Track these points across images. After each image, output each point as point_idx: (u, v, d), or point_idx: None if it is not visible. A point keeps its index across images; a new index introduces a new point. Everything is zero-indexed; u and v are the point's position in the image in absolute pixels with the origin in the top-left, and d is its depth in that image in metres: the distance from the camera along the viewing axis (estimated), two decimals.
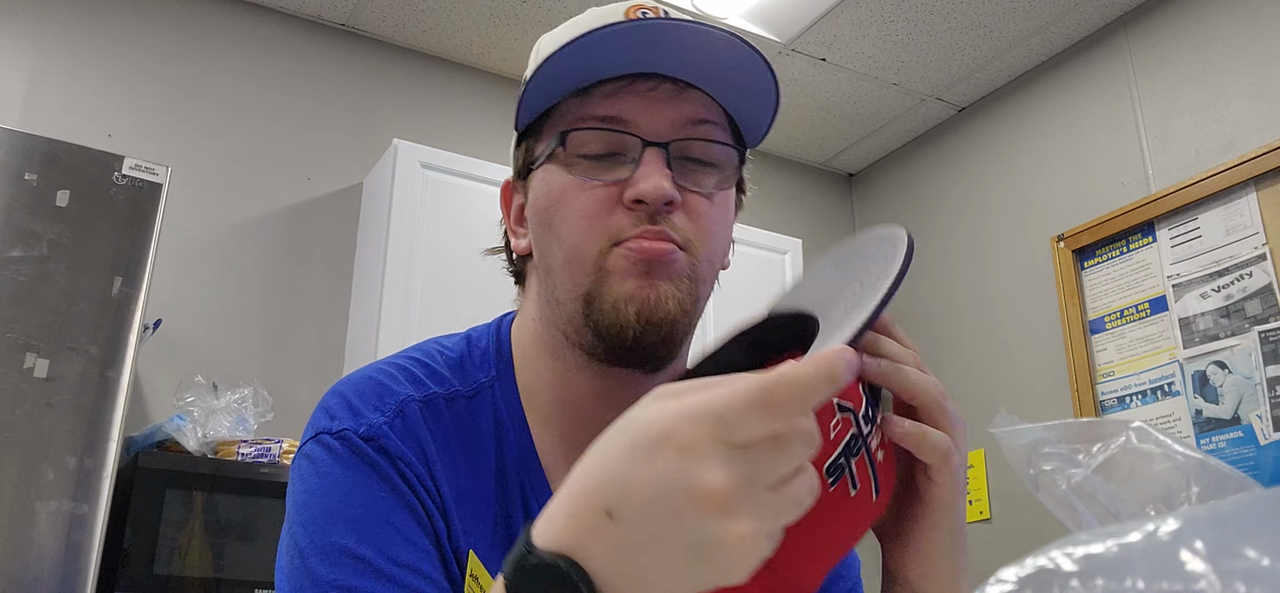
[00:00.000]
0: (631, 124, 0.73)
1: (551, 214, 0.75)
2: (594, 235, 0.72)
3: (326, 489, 0.69)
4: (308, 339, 2.84)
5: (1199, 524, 0.28)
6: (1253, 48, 2.60)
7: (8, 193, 1.97)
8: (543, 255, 0.77)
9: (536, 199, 0.77)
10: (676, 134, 0.74)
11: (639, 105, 0.74)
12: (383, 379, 0.74)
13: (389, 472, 0.69)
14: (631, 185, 0.72)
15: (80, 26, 2.75)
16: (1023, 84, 3.26)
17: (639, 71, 0.74)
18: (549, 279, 0.76)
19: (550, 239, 0.75)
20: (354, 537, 0.66)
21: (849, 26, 3.03)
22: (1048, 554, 0.29)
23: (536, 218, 0.77)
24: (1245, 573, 0.26)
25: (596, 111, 0.74)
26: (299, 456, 0.73)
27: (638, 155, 0.73)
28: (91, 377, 1.95)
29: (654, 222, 0.72)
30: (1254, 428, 2.43)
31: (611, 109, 0.74)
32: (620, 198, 0.72)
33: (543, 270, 0.77)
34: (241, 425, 2.30)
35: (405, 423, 0.72)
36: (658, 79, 0.74)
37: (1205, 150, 2.66)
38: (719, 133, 0.76)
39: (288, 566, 0.68)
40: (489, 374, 0.79)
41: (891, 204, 3.70)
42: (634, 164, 0.72)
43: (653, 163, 0.72)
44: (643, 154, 0.72)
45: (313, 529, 0.68)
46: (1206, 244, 2.62)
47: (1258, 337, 2.45)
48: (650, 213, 0.72)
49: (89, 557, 1.87)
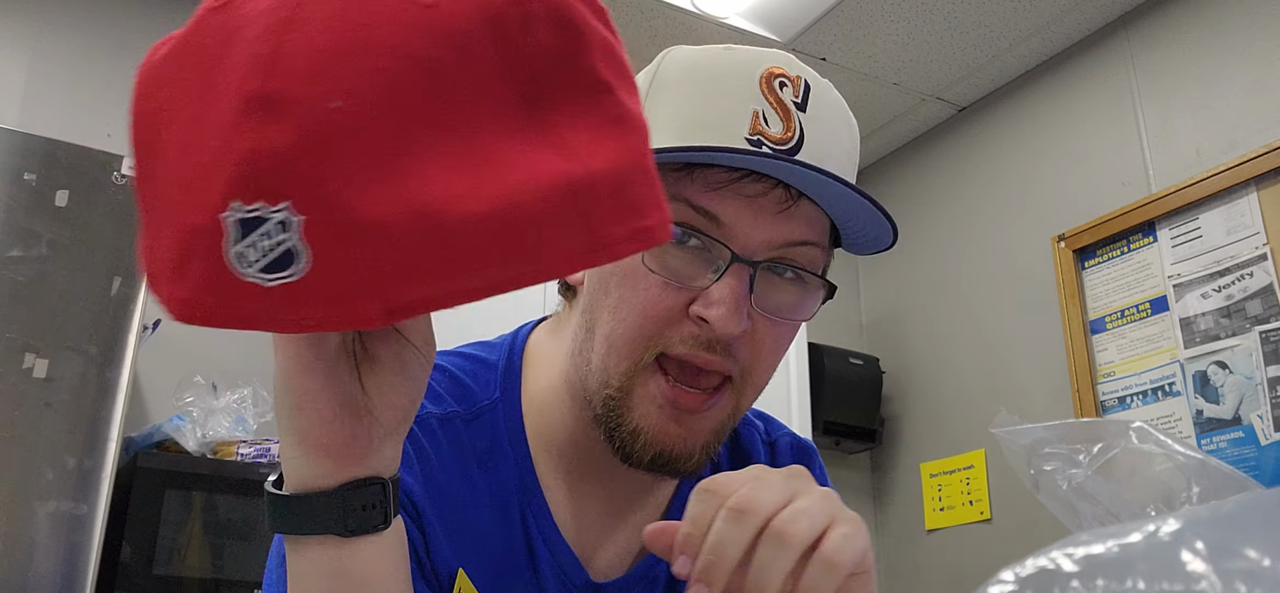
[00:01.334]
0: (727, 230, 0.67)
1: (611, 284, 0.70)
2: (643, 338, 0.68)
3: None
4: None
5: (1200, 525, 0.28)
6: (1253, 47, 2.60)
7: (7, 192, 1.97)
8: (590, 311, 0.72)
9: None
10: (771, 253, 0.68)
11: (741, 211, 0.67)
12: None
13: None
14: (703, 302, 0.66)
15: (79, 26, 2.75)
16: (1023, 84, 3.26)
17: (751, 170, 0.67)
18: (588, 337, 0.72)
19: (602, 306, 0.70)
20: None
21: (849, 26, 3.03)
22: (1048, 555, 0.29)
23: (598, 274, 0.72)
24: (1246, 574, 0.26)
25: (695, 201, 0.67)
26: None
27: (722, 267, 0.66)
28: (91, 377, 1.95)
29: (711, 349, 0.67)
30: (1255, 428, 2.43)
31: (712, 205, 0.67)
32: (688, 304, 0.67)
33: (586, 323, 0.73)
34: (241, 426, 2.30)
35: None
36: (768, 182, 0.67)
37: (1206, 150, 2.66)
38: (817, 257, 0.71)
39: (276, 573, 0.68)
40: (492, 396, 0.77)
41: (891, 204, 3.69)
42: (716, 274, 0.67)
43: (734, 284, 0.66)
44: (727, 268, 0.66)
45: None
46: (1207, 244, 2.61)
47: (1258, 337, 2.45)
48: (709, 341, 0.67)
49: (88, 557, 1.87)
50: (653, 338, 0.68)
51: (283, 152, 0.37)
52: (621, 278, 0.69)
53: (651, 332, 0.68)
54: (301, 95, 0.38)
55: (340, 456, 0.51)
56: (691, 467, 0.70)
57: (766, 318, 0.69)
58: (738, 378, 0.69)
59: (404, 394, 0.53)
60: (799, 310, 0.71)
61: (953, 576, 3.15)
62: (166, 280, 0.41)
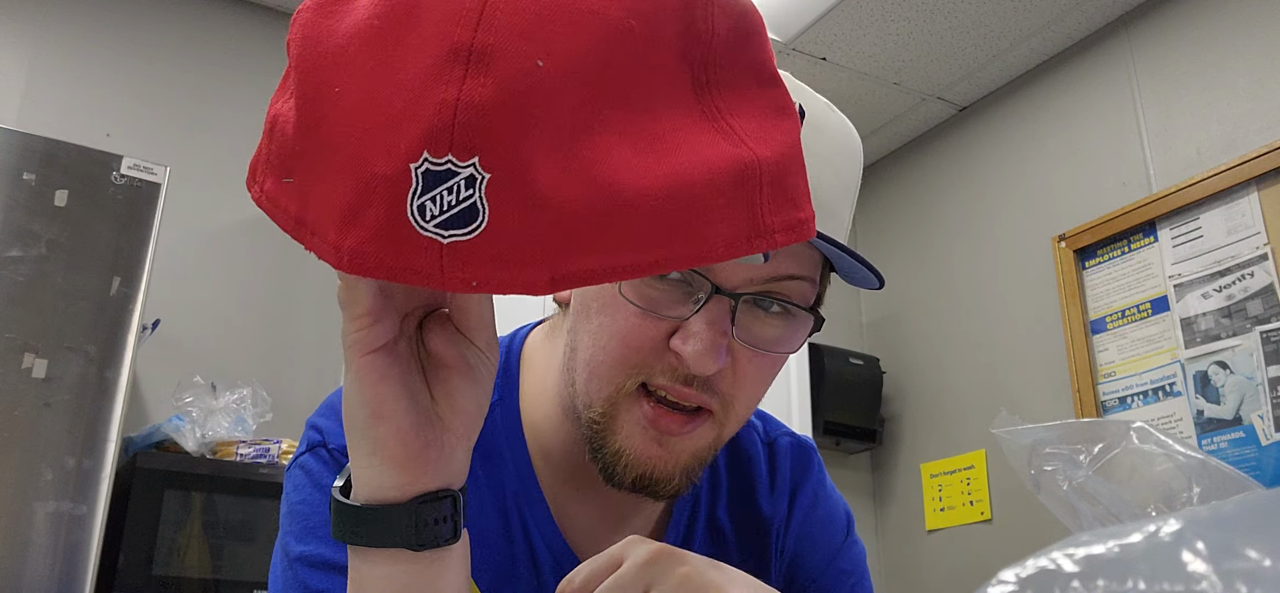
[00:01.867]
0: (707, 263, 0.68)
1: (591, 309, 0.69)
2: (623, 367, 0.67)
3: (319, 502, 0.69)
4: (307, 339, 2.84)
5: (1200, 525, 0.28)
6: (1253, 48, 2.59)
7: (6, 192, 1.97)
8: (573, 331, 0.71)
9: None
10: (755, 288, 0.66)
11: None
12: None
13: None
14: (682, 336, 0.64)
15: (79, 26, 2.75)
16: (1023, 84, 3.25)
17: None
18: (572, 357, 0.71)
19: (583, 330, 0.70)
20: (343, 551, 0.66)
21: (849, 26, 3.03)
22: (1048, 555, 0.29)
23: (579, 297, 0.71)
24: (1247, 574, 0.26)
25: None
26: (294, 466, 0.73)
27: (702, 300, 0.64)
28: (90, 377, 1.94)
29: (689, 383, 0.66)
30: (1255, 428, 2.42)
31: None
32: (669, 335, 0.65)
33: (570, 342, 0.72)
34: (240, 426, 2.30)
35: None
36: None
37: (1206, 150, 2.66)
38: (807, 290, 0.69)
39: (280, 574, 0.69)
40: (492, 397, 0.77)
41: (891, 204, 3.70)
42: (696, 306, 0.65)
43: (711, 318, 0.64)
44: (707, 301, 0.64)
45: (304, 540, 0.68)
46: (1208, 244, 2.61)
47: (1259, 337, 2.45)
48: (686, 376, 0.65)
49: (87, 557, 1.87)
50: (635, 367, 0.66)
51: (483, 106, 0.36)
52: (602, 305, 0.68)
53: (634, 361, 0.66)
54: (509, 50, 0.37)
55: (414, 467, 0.50)
56: (671, 490, 0.69)
57: (751, 349, 0.67)
58: (719, 410, 0.68)
59: (472, 400, 0.52)
60: (784, 343, 0.69)
61: (953, 576, 3.15)
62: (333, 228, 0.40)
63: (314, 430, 0.73)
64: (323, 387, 2.69)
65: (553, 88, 0.37)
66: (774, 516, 0.85)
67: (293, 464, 0.73)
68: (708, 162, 0.40)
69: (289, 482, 0.72)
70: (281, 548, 0.69)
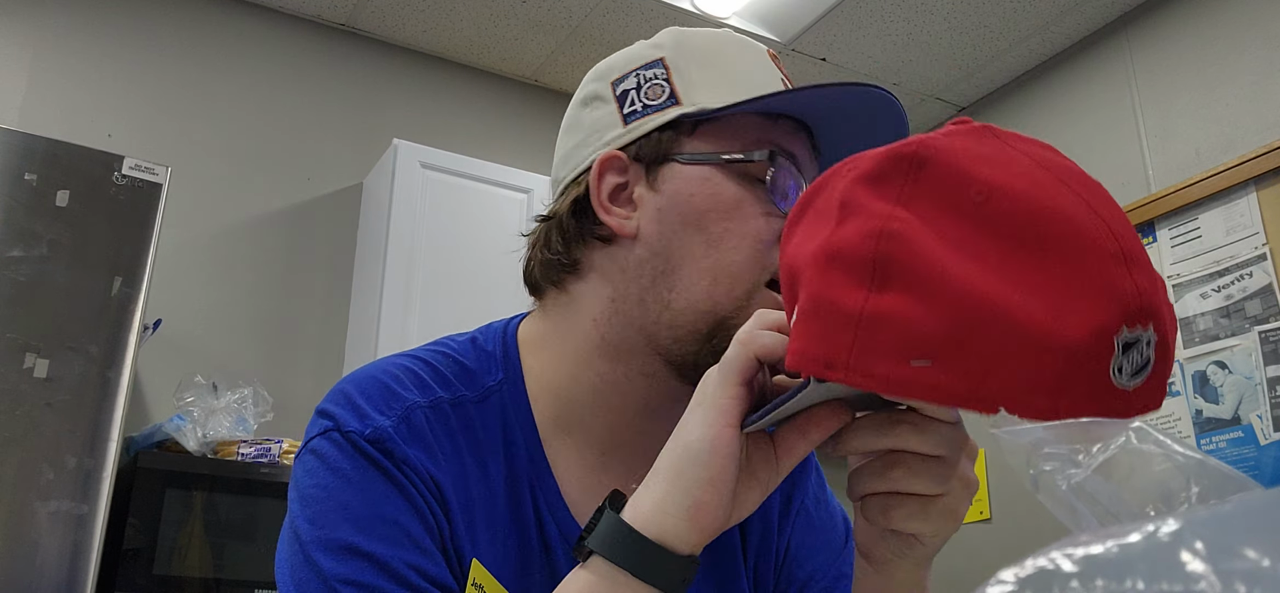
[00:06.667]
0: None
1: (709, 220, 0.73)
2: (756, 265, 0.72)
3: (334, 485, 0.68)
4: (308, 339, 2.84)
5: (1199, 525, 0.28)
6: (1253, 48, 2.60)
7: (7, 193, 1.97)
8: (670, 254, 0.74)
9: (689, 197, 0.74)
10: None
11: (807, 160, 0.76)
12: (389, 382, 0.73)
13: (395, 474, 0.68)
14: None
15: (80, 26, 2.75)
16: (1023, 84, 3.26)
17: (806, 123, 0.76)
18: (663, 279, 0.74)
19: (695, 242, 0.73)
20: (361, 535, 0.66)
21: (849, 26, 3.03)
22: (1048, 555, 0.29)
23: (679, 214, 0.74)
24: (1246, 574, 0.26)
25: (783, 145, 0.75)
26: (305, 451, 0.72)
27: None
28: (91, 377, 1.95)
29: None
30: (1254, 428, 2.43)
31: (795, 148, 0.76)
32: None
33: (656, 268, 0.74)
34: (241, 426, 2.30)
35: (411, 428, 0.71)
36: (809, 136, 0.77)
37: (1205, 150, 2.66)
38: None
39: (290, 558, 0.68)
40: (496, 378, 0.77)
41: None
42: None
43: None
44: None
45: (319, 524, 0.67)
46: (1206, 244, 2.61)
47: (1258, 337, 2.45)
48: None
49: (89, 557, 1.87)
50: (764, 266, 0.72)
51: (1147, 290, 0.48)
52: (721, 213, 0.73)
53: (764, 260, 0.72)
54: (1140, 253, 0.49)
55: (705, 534, 0.57)
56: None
57: None
58: None
59: (750, 503, 0.60)
60: None
61: (953, 576, 3.15)
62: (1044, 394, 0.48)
63: (325, 416, 0.72)
64: (323, 387, 2.69)
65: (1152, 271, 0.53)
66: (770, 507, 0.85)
67: (303, 449, 0.72)
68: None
69: (300, 466, 0.72)
70: (291, 532, 0.68)
